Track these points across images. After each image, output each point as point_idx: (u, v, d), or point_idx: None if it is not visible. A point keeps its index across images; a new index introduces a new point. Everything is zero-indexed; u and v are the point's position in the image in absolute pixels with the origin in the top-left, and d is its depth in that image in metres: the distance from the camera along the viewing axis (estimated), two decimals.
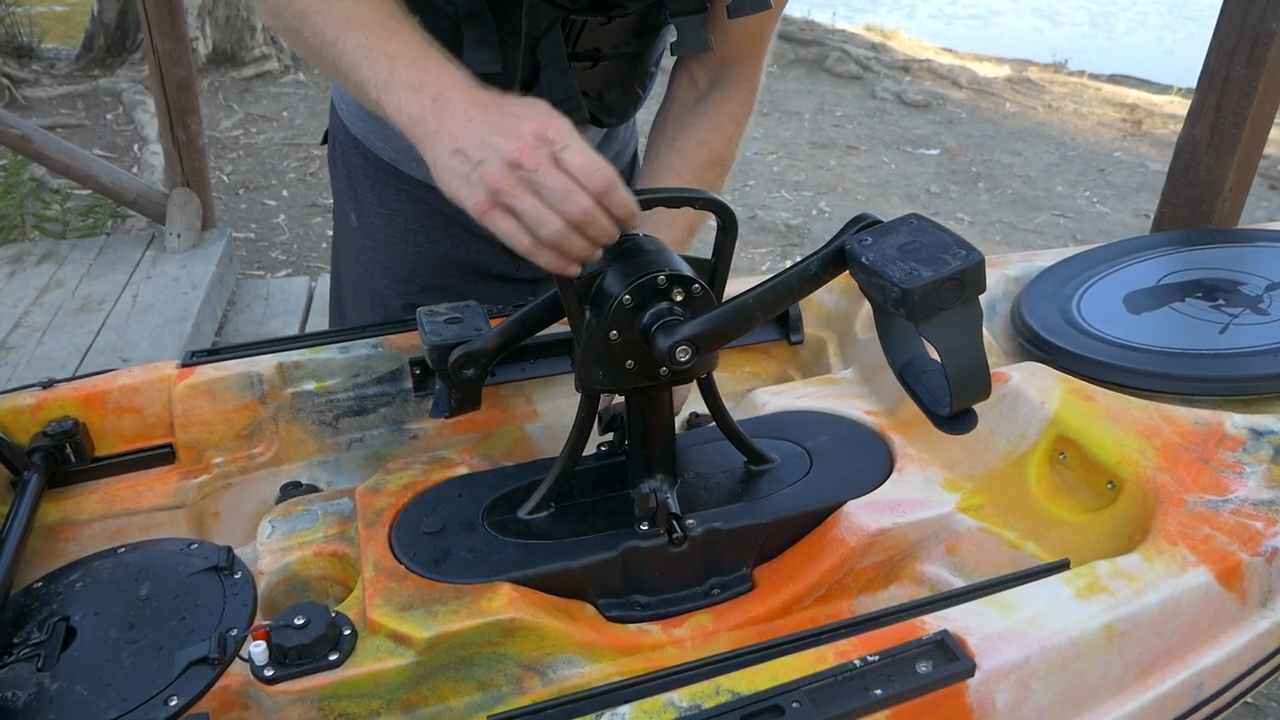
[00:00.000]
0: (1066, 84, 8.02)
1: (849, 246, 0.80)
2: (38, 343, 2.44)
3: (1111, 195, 5.33)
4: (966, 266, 0.73)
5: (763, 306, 0.88)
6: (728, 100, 1.20)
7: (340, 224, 1.37)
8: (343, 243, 1.37)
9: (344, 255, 1.38)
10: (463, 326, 1.01)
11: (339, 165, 1.33)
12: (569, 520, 0.95)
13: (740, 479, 1.00)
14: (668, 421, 0.96)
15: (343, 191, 1.33)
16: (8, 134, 2.91)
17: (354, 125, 1.27)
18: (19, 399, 1.09)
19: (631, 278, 0.85)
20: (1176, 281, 1.25)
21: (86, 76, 5.97)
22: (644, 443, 0.96)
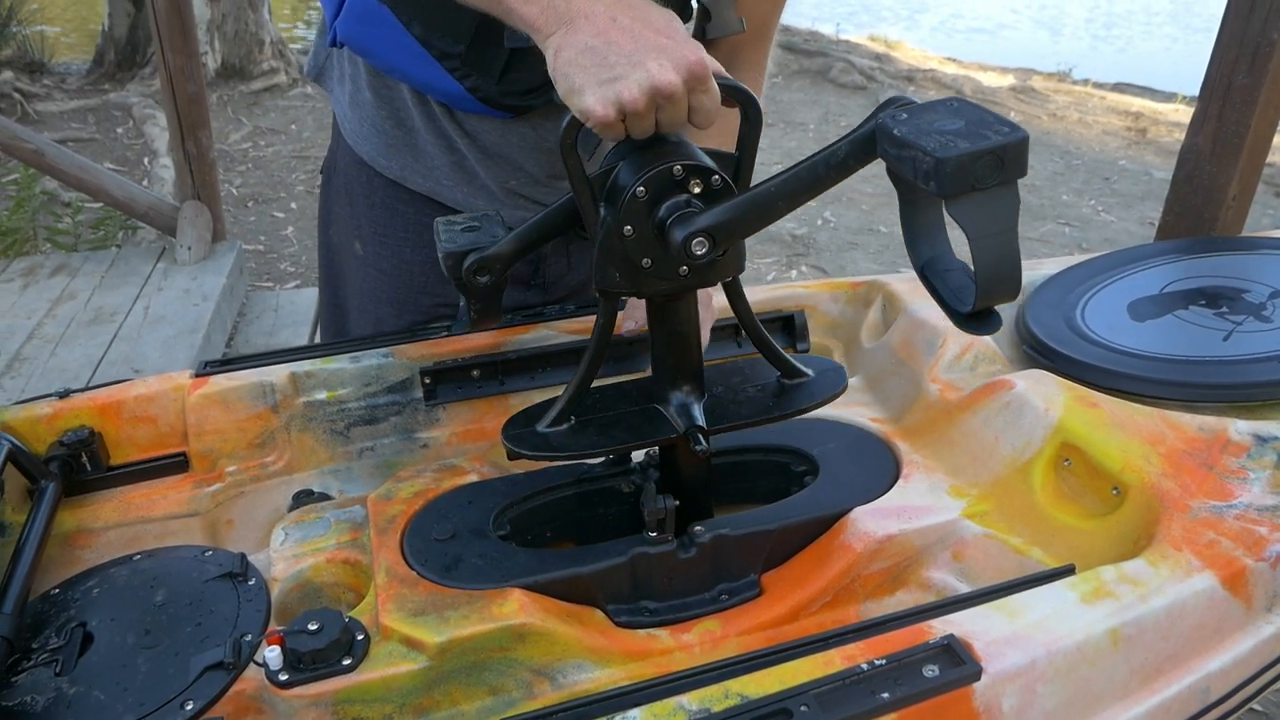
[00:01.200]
0: (1071, 93, 8.04)
1: (881, 120, 0.73)
2: (51, 354, 2.46)
3: (1116, 203, 5.34)
4: (1009, 142, 0.67)
5: (785, 195, 0.81)
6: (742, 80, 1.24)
7: (341, 251, 1.36)
8: (345, 268, 1.36)
9: (347, 280, 1.37)
10: (479, 234, 0.95)
11: (341, 194, 1.32)
12: (589, 433, 0.91)
13: (773, 393, 0.96)
14: (693, 330, 0.91)
15: (345, 220, 1.32)
16: (21, 148, 2.94)
17: (358, 145, 1.25)
18: (36, 409, 1.10)
19: (646, 169, 0.81)
20: (1180, 289, 1.26)
21: (97, 91, 6.03)
22: (668, 352, 0.91)
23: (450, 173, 1.23)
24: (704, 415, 0.91)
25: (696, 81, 0.80)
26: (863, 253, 4.32)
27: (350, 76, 1.23)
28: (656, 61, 0.78)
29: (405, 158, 1.23)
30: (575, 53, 0.80)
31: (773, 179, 0.82)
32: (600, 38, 0.80)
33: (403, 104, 1.20)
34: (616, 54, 0.79)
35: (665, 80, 0.78)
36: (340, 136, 1.29)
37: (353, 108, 1.24)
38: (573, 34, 0.81)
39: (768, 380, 0.97)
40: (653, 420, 0.92)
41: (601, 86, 0.78)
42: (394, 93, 1.20)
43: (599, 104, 0.78)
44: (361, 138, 1.24)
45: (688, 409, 0.92)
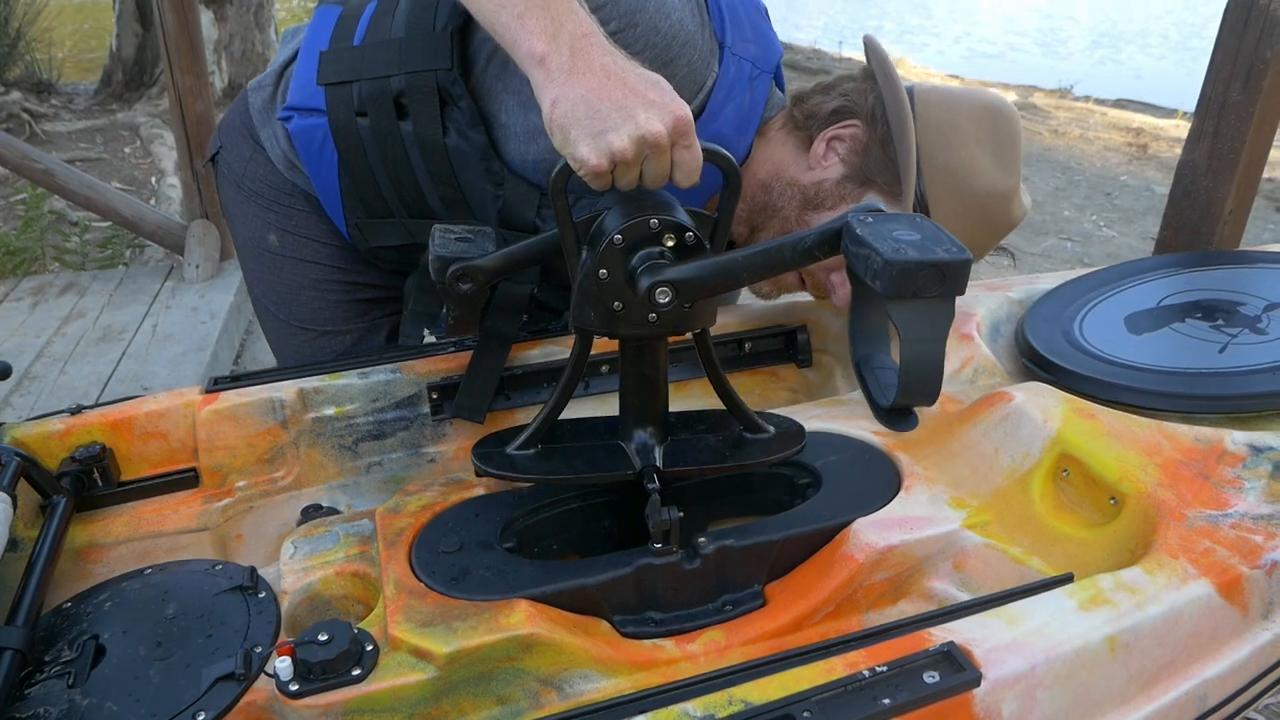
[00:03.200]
0: (1072, 109, 8.07)
1: (849, 219, 0.81)
2: (60, 372, 2.48)
3: (1118, 219, 5.35)
4: (952, 260, 0.74)
5: (750, 268, 0.89)
6: None
7: (250, 248, 1.39)
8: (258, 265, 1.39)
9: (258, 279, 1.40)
10: (470, 245, 1.01)
11: (256, 192, 1.35)
12: (553, 460, 0.97)
13: (733, 444, 1.01)
14: (660, 375, 0.97)
15: (259, 214, 1.36)
16: (31, 168, 2.97)
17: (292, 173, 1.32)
18: (49, 425, 1.12)
19: (626, 219, 0.87)
20: (1177, 303, 1.28)
21: (104, 111, 6.08)
22: (636, 394, 0.97)
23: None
24: (662, 457, 0.97)
25: (680, 135, 0.87)
26: None
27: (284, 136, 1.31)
28: (645, 113, 0.86)
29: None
30: (571, 105, 0.86)
31: (742, 251, 0.89)
32: (595, 91, 0.86)
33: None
34: (609, 106, 0.86)
35: (653, 130, 0.85)
36: (258, 153, 1.34)
37: (275, 140, 1.31)
38: (571, 86, 0.87)
39: (730, 431, 1.03)
40: (614, 456, 0.98)
41: (595, 138, 0.86)
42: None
43: (592, 153, 0.85)
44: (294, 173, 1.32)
45: (648, 450, 0.99)
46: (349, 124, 1.20)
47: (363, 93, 1.18)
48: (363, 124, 1.19)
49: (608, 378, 1.26)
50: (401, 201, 1.23)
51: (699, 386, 1.29)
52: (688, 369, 1.29)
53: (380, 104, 1.17)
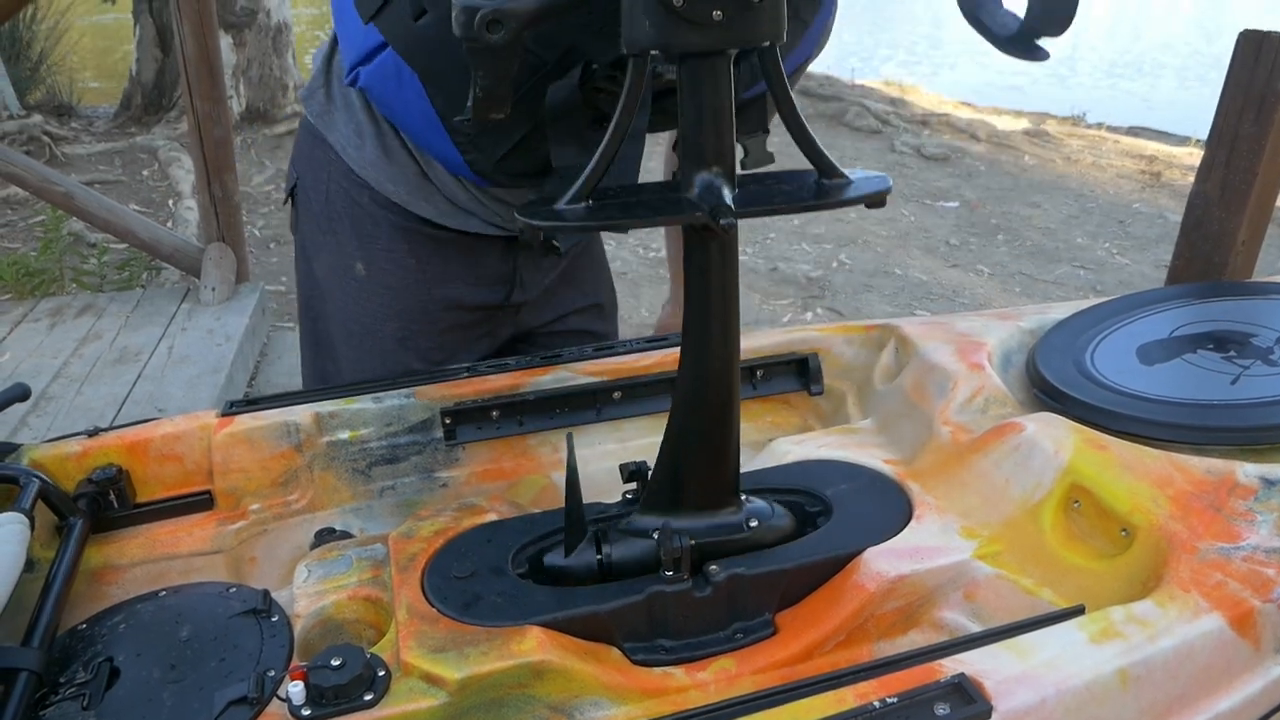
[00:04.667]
0: (1085, 136, 8.08)
1: None
2: (77, 393, 2.50)
3: (1131, 246, 5.35)
4: None
5: None
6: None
7: (332, 279, 1.40)
8: (337, 296, 1.40)
9: (335, 310, 1.40)
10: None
11: (340, 219, 1.36)
12: (608, 210, 0.87)
13: (811, 190, 0.92)
14: (724, 101, 0.84)
15: (338, 246, 1.37)
16: (52, 191, 3.01)
17: (364, 170, 1.31)
18: (66, 446, 1.13)
19: None
20: (1189, 334, 1.28)
21: (124, 134, 6.16)
22: (696, 129, 0.86)
23: (466, 204, 1.32)
24: (733, 200, 0.86)
25: None
26: (878, 294, 4.35)
27: (356, 107, 1.30)
28: None
29: (412, 189, 1.31)
30: None
31: None
32: None
33: (404, 151, 1.29)
34: None
35: None
36: (334, 164, 1.34)
37: (359, 138, 1.30)
38: None
39: (805, 181, 0.93)
40: (676, 203, 0.87)
41: None
42: (399, 140, 1.29)
43: None
44: (368, 164, 1.30)
45: (715, 190, 0.86)
46: (413, 34, 1.15)
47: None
48: (426, 24, 1.13)
49: (621, 404, 1.27)
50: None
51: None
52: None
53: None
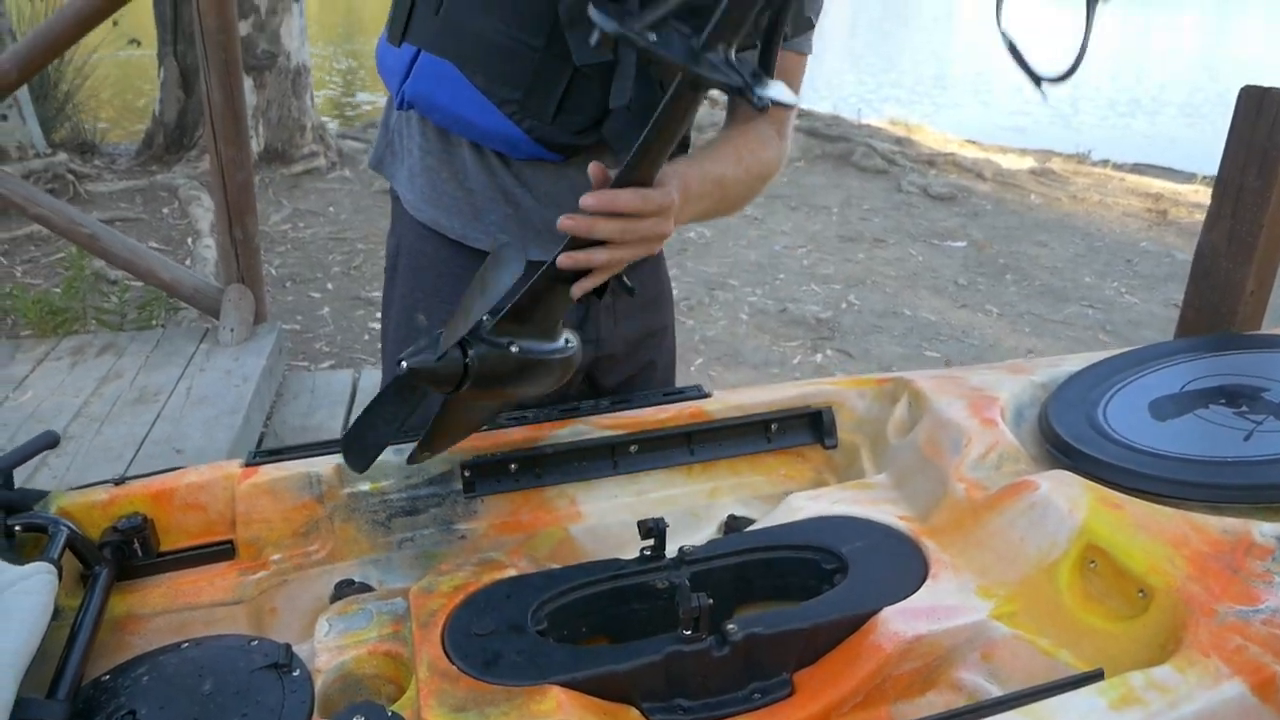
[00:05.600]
0: (1090, 174, 8.12)
1: None
2: (96, 432, 2.53)
3: (1140, 285, 5.36)
4: None
5: None
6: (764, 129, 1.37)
7: (404, 330, 1.43)
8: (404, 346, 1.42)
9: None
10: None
11: (406, 274, 1.40)
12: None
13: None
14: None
15: (406, 297, 1.41)
16: (77, 232, 3.06)
17: (420, 212, 1.35)
18: (93, 495, 1.15)
19: None
20: (1201, 388, 1.29)
21: (145, 172, 6.25)
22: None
23: (508, 225, 1.33)
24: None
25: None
26: (887, 335, 4.36)
27: (408, 151, 1.35)
28: None
29: (466, 218, 1.33)
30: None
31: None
32: None
33: (462, 165, 1.31)
34: None
35: None
36: (401, 215, 1.39)
37: (412, 179, 1.35)
38: None
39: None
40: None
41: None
42: (454, 154, 1.31)
43: None
44: (424, 203, 1.34)
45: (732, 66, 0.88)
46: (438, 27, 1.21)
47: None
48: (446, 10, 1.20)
49: (637, 457, 1.28)
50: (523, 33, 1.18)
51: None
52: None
53: None
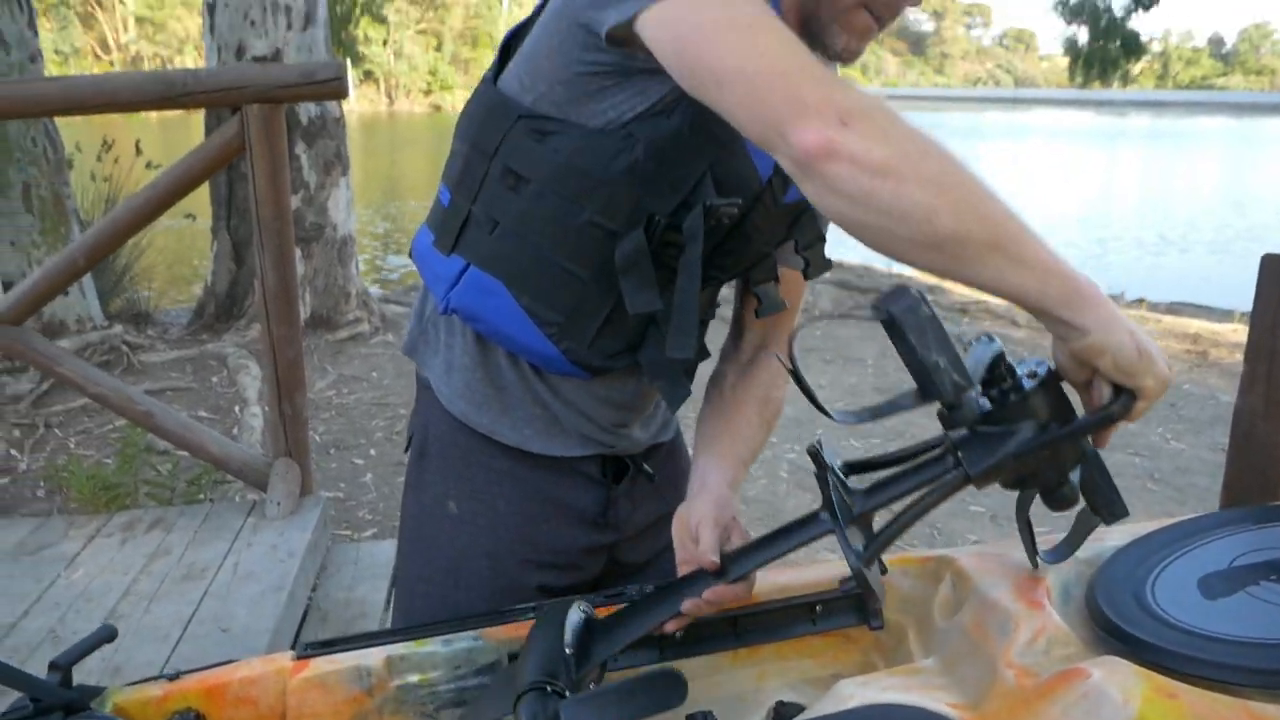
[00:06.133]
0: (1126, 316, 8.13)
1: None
2: (145, 611, 2.56)
3: (1185, 430, 5.30)
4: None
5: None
6: (771, 360, 1.47)
7: (433, 513, 1.47)
8: (438, 531, 1.46)
9: (439, 543, 1.46)
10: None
11: (434, 458, 1.45)
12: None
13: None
14: None
15: (438, 484, 1.45)
16: (133, 410, 3.18)
17: (453, 405, 1.40)
18: (148, 690, 1.17)
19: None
20: (1250, 562, 1.27)
21: (196, 341, 6.49)
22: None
23: (537, 425, 1.39)
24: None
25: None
26: None
27: (446, 346, 1.41)
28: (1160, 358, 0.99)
29: (496, 414, 1.39)
30: (1121, 331, 0.95)
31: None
32: (1130, 327, 0.96)
33: (497, 368, 1.37)
34: (1142, 340, 0.96)
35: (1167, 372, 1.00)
36: (432, 404, 1.44)
37: (447, 373, 1.40)
38: (1115, 314, 0.95)
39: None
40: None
41: (1154, 358, 0.97)
42: (490, 358, 1.37)
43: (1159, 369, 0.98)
44: (457, 397, 1.40)
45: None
46: (492, 246, 1.27)
47: (480, 200, 1.26)
48: (501, 233, 1.26)
49: (683, 645, 1.28)
50: (573, 264, 1.24)
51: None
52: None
53: (499, 187, 1.24)
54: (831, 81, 0.95)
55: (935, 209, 0.89)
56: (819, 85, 0.94)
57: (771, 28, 1.01)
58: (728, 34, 1.00)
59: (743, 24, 1.00)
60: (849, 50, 1.23)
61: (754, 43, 0.99)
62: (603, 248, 1.22)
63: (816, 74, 0.96)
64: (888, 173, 0.89)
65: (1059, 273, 0.93)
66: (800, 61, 0.97)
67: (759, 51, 0.98)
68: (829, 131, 0.90)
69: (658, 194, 1.19)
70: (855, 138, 0.90)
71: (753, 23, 1.00)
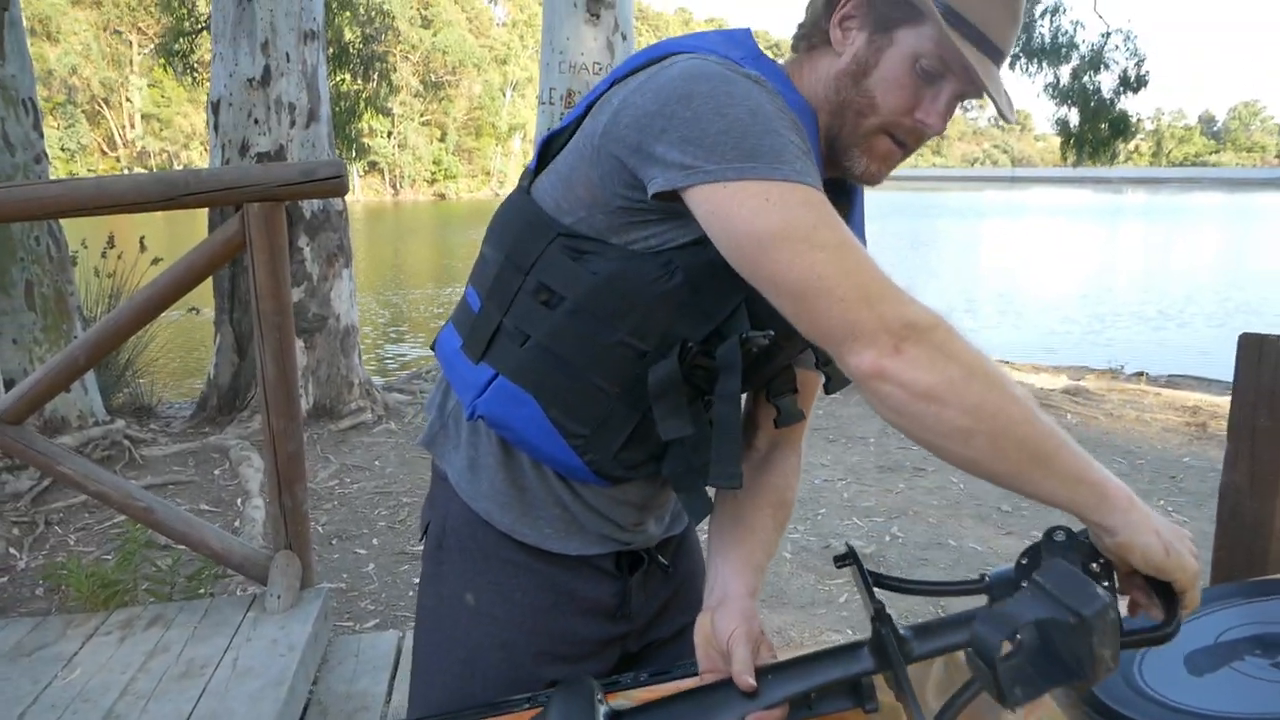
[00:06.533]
0: (1125, 390, 8.19)
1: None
2: (142, 710, 2.54)
3: (1187, 502, 5.29)
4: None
5: None
6: (786, 458, 1.47)
7: (451, 604, 1.47)
8: (455, 622, 1.47)
9: (456, 635, 1.47)
10: None
11: (453, 551, 1.46)
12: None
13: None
14: None
15: (457, 576, 1.46)
16: (133, 507, 3.20)
17: (475, 503, 1.42)
18: None
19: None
20: (1234, 638, 1.29)
21: (198, 434, 6.51)
22: None
23: (556, 525, 1.42)
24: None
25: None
26: (933, 568, 4.30)
27: (470, 444, 1.43)
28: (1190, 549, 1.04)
29: (517, 514, 1.41)
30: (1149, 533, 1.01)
31: None
32: (1160, 529, 1.03)
33: (520, 471, 1.40)
34: (1170, 538, 1.03)
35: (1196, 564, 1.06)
36: (451, 498, 1.46)
37: (471, 470, 1.42)
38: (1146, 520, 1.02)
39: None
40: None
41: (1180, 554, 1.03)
42: (513, 462, 1.40)
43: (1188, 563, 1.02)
44: (480, 496, 1.42)
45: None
46: (521, 359, 1.28)
47: (512, 313, 1.28)
48: (531, 347, 1.28)
49: None
50: (603, 380, 1.26)
51: None
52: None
53: (532, 302, 1.26)
54: (889, 300, 1.01)
55: (973, 432, 0.98)
56: (875, 308, 1.00)
57: (828, 243, 1.03)
58: (782, 248, 1.04)
59: (798, 237, 1.03)
60: (869, 174, 1.27)
61: (811, 262, 1.02)
62: (633, 367, 1.24)
63: (874, 293, 1.01)
64: (931, 399, 0.98)
65: (1088, 481, 1.01)
66: (857, 282, 1.02)
67: (817, 274, 1.02)
68: (882, 360, 0.99)
69: (692, 320, 1.22)
70: (905, 365, 0.99)
71: (809, 236, 1.03)
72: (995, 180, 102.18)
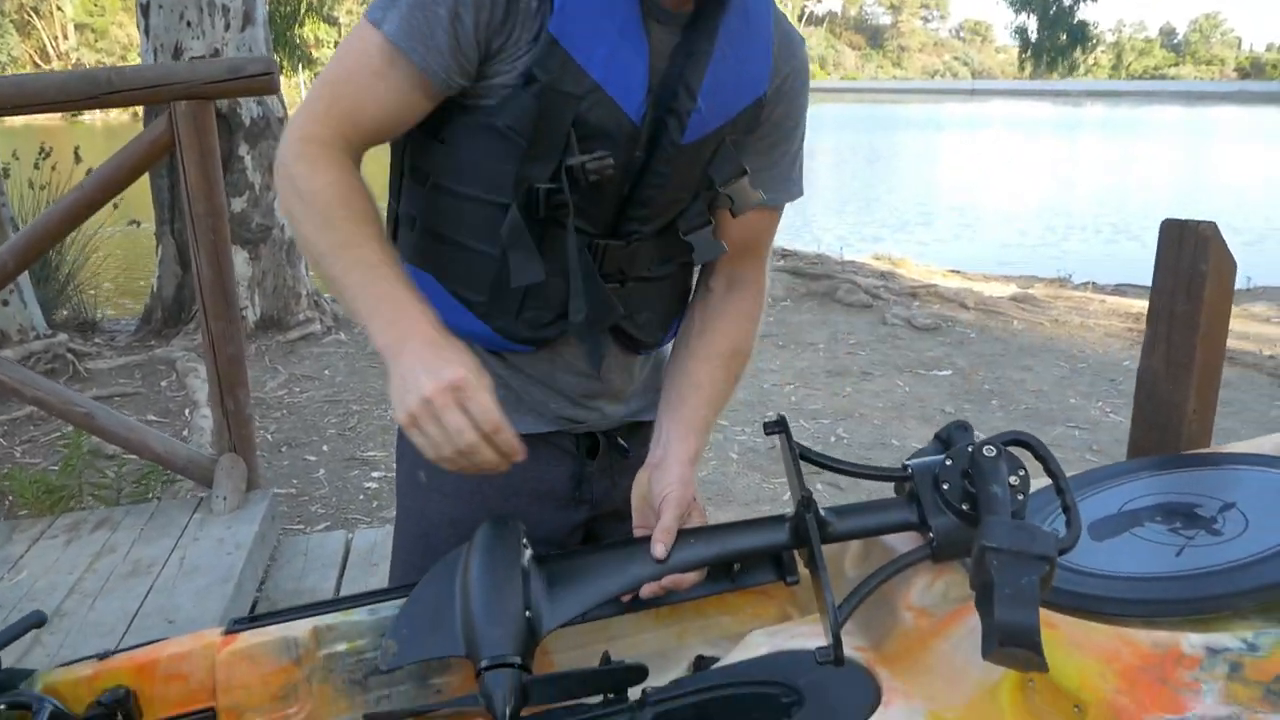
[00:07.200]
0: (1071, 298, 8.32)
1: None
2: (89, 608, 2.56)
3: (1124, 404, 5.44)
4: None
5: None
6: (742, 299, 1.44)
7: (406, 485, 1.52)
8: (416, 500, 1.51)
9: (408, 513, 1.52)
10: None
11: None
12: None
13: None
14: None
15: (410, 453, 1.45)
16: (73, 412, 3.16)
17: None
18: (78, 670, 1.19)
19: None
20: (1137, 507, 1.35)
21: (144, 347, 6.41)
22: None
23: (502, 402, 1.39)
24: None
25: (455, 390, 1.08)
26: None
27: None
28: (427, 376, 1.07)
29: None
30: (395, 379, 1.09)
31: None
32: (404, 369, 1.09)
33: None
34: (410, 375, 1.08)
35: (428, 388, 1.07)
36: None
37: None
38: (395, 369, 1.10)
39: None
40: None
41: (401, 400, 1.08)
42: None
43: (399, 412, 1.08)
44: None
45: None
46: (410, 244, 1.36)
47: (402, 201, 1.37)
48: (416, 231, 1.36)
49: (603, 604, 1.31)
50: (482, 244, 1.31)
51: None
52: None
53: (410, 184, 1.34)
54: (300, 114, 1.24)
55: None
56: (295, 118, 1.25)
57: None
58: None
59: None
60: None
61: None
62: (500, 223, 1.26)
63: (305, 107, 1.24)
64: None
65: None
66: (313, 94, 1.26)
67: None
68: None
69: (531, 163, 1.23)
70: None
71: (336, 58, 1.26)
72: (955, 93, 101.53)
